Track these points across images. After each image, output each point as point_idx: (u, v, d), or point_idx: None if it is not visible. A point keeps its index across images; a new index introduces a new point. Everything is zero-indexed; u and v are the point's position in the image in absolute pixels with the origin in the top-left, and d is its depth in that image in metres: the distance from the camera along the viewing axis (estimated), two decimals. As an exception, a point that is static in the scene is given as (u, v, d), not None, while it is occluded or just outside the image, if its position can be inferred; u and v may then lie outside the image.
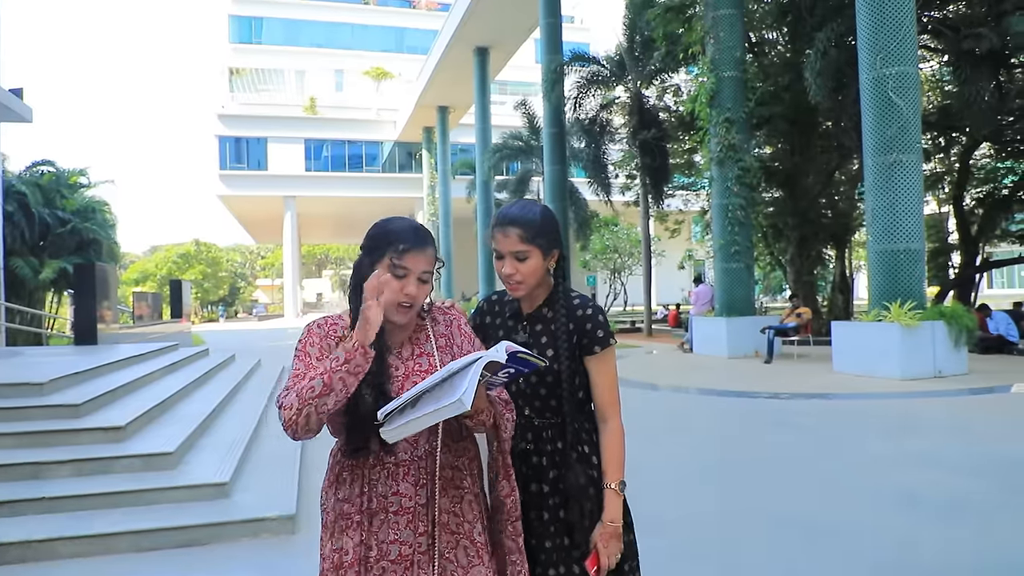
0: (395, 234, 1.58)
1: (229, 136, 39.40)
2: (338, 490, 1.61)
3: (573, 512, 1.77)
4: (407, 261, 1.56)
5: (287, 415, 1.43)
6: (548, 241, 1.79)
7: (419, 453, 1.59)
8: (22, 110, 10.60)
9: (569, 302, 1.84)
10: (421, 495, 1.57)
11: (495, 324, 1.95)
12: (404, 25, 46.51)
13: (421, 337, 1.69)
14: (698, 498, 4.64)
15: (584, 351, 1.80)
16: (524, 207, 1.81)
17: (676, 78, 20.09)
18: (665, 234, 24.43)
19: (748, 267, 13.46)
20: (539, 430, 1.83)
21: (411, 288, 1.57)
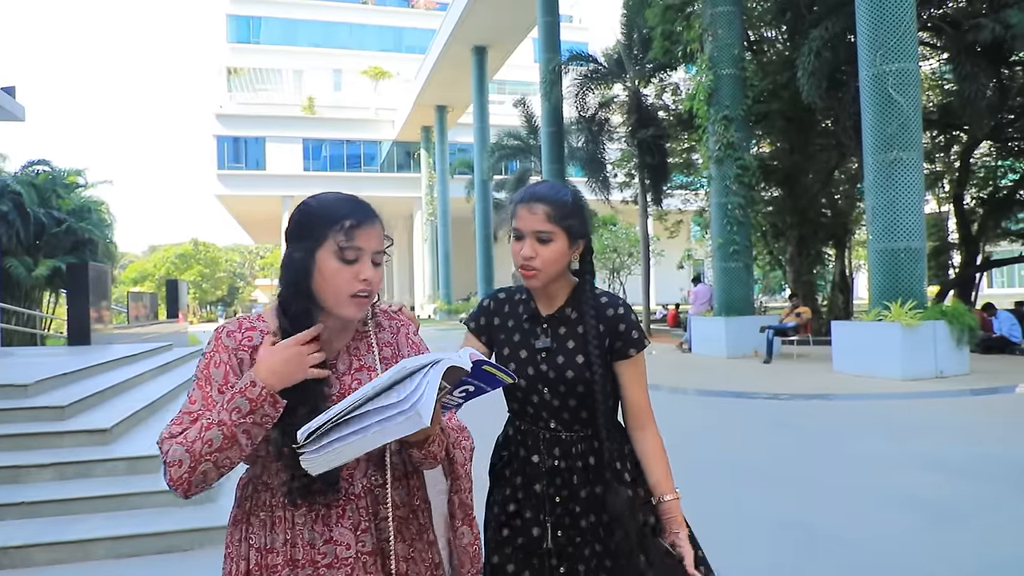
0: (336, 209, 1.27)
1: (227, 136, 39.29)
2: (250, 534, 1.26)
3: (618, 536, 1.56)
4: (358, 239, 1.25)
5: (174, 473, 1.13)
6: (577, 227, 1.60)
7: (355, 491, 1.26)
8: (14, 108, 10.50)
9: (597, 301, 1.65)
10: (365, 542, 1.25)
11: (507, 327, 1.71)
12: (402, 25, 46.43)
13: (362, 346, 1.36)
14: (694, 501, 4.52)
15: (617, 355, 1.63)
16: (554, 186, 1.63)
17: (675, 76, 19.99)
18: (664, 233, 24.35)
19: (747, 266, 13.36)
20: (568, 445, 1.64)
21: (367, 272, 1.26)
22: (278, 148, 39.89)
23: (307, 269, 1.24)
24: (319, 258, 1.24)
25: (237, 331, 1.28)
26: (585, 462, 1.63)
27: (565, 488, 1.63)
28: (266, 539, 1.24)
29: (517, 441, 1.71)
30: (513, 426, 1.74)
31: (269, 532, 1.24)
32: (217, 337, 1.27)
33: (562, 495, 1.63)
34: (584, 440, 1.64)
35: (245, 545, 1.26)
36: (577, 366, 1.61)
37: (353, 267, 1.25)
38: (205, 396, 1.21)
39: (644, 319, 20.27)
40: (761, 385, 9.32)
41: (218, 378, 1.23)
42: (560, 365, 1.62)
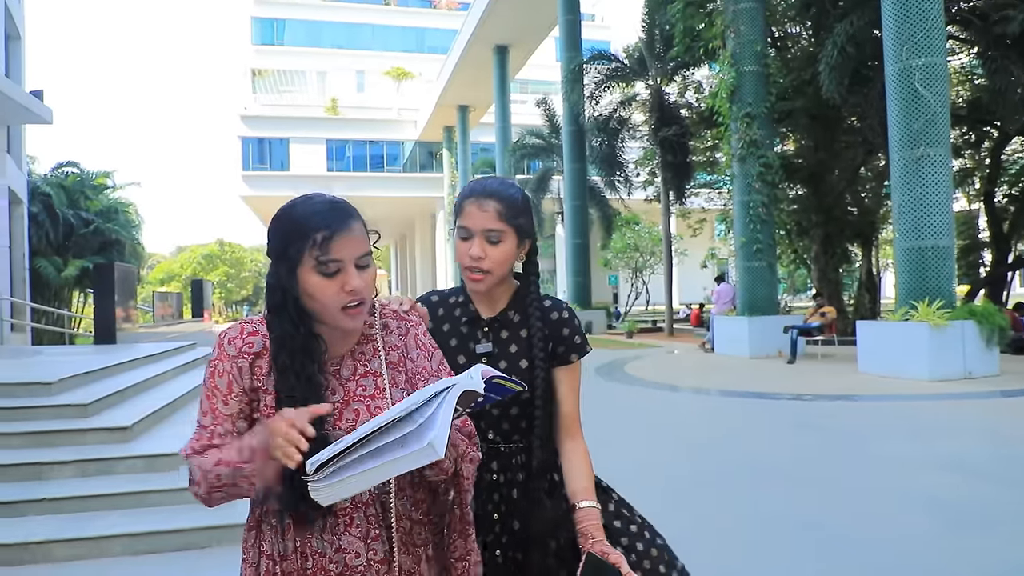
0: (308, 221, 1.18)
1: (252, 137, 39.73)
2: (262, 541, 1.24)
3: (534, 554, 1.48)
4: (335, 251, 1.18)
5: (194, 490, 1.19)
6: (526, 226, 1.53)
7: (363, 499, 1.22)
8: (42, 111, 10.70)
9: (541, 304, 1.58)
10: (376, 550, 1.22)
11: (443, 331, 1.60)
12: (424, 25, 46.58)
13: (367, 350, 1.30)
14: (715, 503, 4.47)
15: (559, 361, 1.56)
16: (504, 182, 1.56)
17: (698, 74, 19.82)
18: (688, 232, 24.14)
19: (770, 265, 13.19)
20: (507, 457, 1.54)
21: (353, 282, 1.19)
22: (302, 149, 40.25)
23: (291, 290, 1.20)
24: (301, 277, 1.19)
25: (238, 338, 1.26)
26: (526, 474, 1.54)
27: (504, 503, 1.53)
28: (277, 546, 1.22)
29: None
30: None
31: (280, 540, 1.22)
32: (220, 344, 1.26)
33: (500, 511, 1.53)
34: (524, 451, 1.55)
35: (256, 551, 1.25)
36: (520, 371, 1.54)
37: (336, 279, 1.19)
38: (213, 409, 1.23)
39: (667, 318, 20.14)
40: (784, 386, 9.19)
41: (222, 388, 1.23)
42: (502, 371, 1.49)
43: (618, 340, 18.27)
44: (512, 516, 1.52)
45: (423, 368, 1.33)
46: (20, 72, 14.00)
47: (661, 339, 18.39)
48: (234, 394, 1.22)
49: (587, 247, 21.77)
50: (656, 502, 4.37)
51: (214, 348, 1.27)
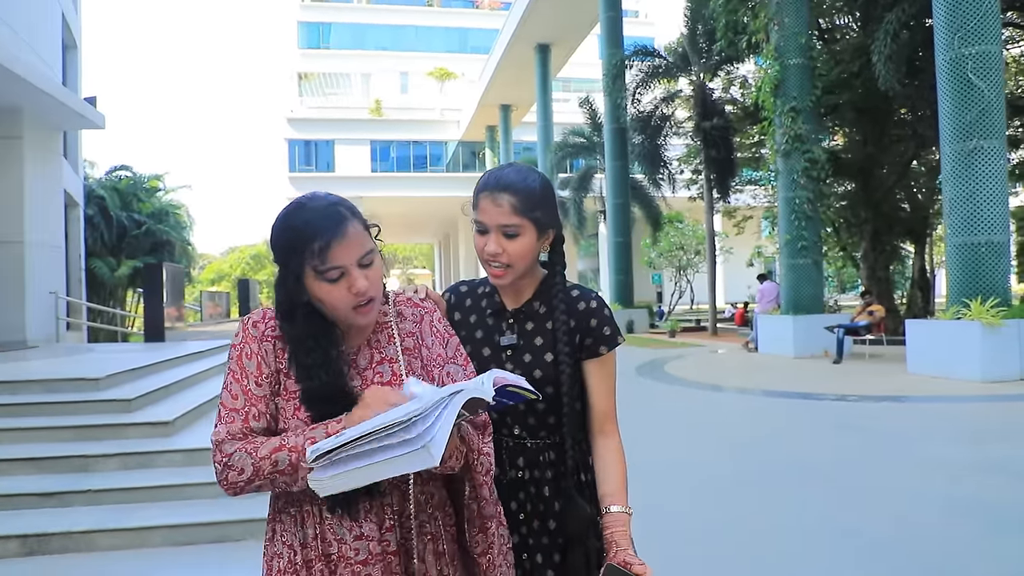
0: (302, 232, 1.19)
1: (298, 139, 40.51)
2: (282, 531, 1.25)
3: (576, 556, 1.43)
4: (333, 258, 1.18)
5: (233, 477, 1.14)
6: (545, 217, 1.46)
7: (380, 488, 1.21)
8: (95, 117, 11.10)
9: (568, 294, 1.51)
10: (389, 541, 1.22)
11: (470, 322, 1.56)
12: (467, 25, 46.82)
13: (383, 338, 1.31)
14: (752, 505, 4.38)
15: (587, 353, 1.49)
16: (521, 171, 1.47)
17: (742, 68, 19.46)
18: (733, 230, 23.75)
19: (816, 263, 12.87)
20: (534, 453, 1.48)
21: (358, 284, 1.20)
22: (347, 150, 40.86)
23: (300, 294, 1.21)
24: (307, 284, 1.21)
25: (261, 321, 1.27)
26: (555, 471, 1.48)
27: (530, 502, 1.48)
28: (298, 535, 1.22)
29: None
30: None
31: (300, 528, 1.22)
32: (244, 328, 1.27)
33: (527, 510, 1.48)
34: (552, 448, 1.49)
35: (279, 542, 1.25)
36: (546, 365, 1.48)
37: (342, 283, 1.20)
38: (245, 390, 1.21)
39: (710, 317, 19.84)
40: (829, 386, 8.96)
41: (252, 370, 1.23)
42: (527, 364, 1.49)
43: (660, 339, 18.07)
44: (537, 516, 1.47)
45: (438, 355, 1.33)
46: (77, 80, 14.55)
47: (704, 338, 18.12)
48: (264, 375, 1.23)
49: (629, 245, 21.59)
50: (691, 503, 4.32)
51: (237, 332, 1.28)
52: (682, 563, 3.40)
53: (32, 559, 3.81)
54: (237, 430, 1.18)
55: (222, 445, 1.16)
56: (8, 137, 9.89)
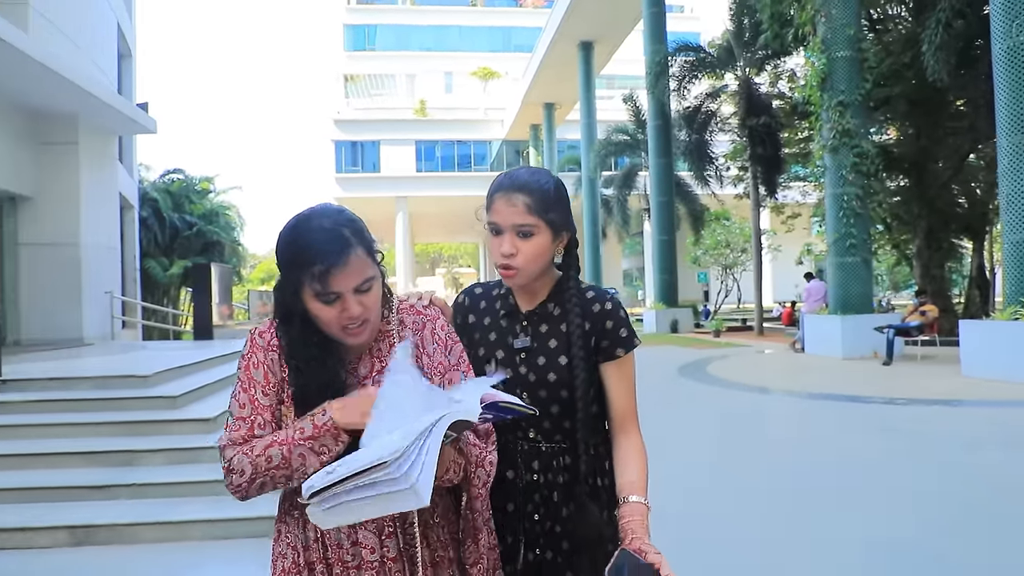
0: (305, 253, 1.21)
1: (344, 140, 41.13)
2: (287, 532, 1.29)
3: (582, 561, 1.43)
4: (332, 284, 1.20)
5: (236, 480, 1.17)
6: (560, 219, 1.45)
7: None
8: (147, 122, 11.47)
9: (582, 296, 1.50)
10: (389, 547, 1.23)
11: (484, 325, 1.55)
12: (510, 24, 46.88)
13: (383, 347, 1.33)
14: (794, 513, 4.28)
15: (604, 356, 1.47)
16: (535, 173, 1.48)
17: (790, 62, 19.03)
18: (782, 227, 23.24)
19: (865, 261, 12.50)
20: (548, 457, 1.48)
21: (352, 310, 1.22)
22: (392, 151, 41.32)
23: (297, 306, 1.24)
24: (304, 298, 1.23)
25: (267, 331, 1.31)
26: (568, 476, 1.47)
27: (543, 505, 1.47)
28: (300, 536, 1.25)
29: None
30: None
31: (302, 530, 1.25)
32: (251, 339, 1.31)
33: (540, 513, 1.47)
34: (567, 452, 1.48)
35: (284, 543, 1.28)
36: (560, 368, 1.46)
37: (336, 306, 1.22)
38: (252, 399, 1.25)
39: (756, 317, 19.47)
40: (877, 388, 8.71)
41: (259, 379, 1.26)
42: (541, 367, 1.47)
43: (704, 339, 17.81)
44: (550, 518, 1.46)
45: (439, 363, 1.34)
46: (131, 87, 15.07)
47: (750, 338, 17.79)
48: (271, 384, 1.26)
49: (674, 244, 21.33)
50: (728, 509, 4.23)
51: (245, 344, 1.31)
52: (720, 571, 3.35)
53: (80, 549, 3.97)
54: (240, 437, 1.21)
55: (225, 451, 1.20)
56: (65, 143, 10.30)
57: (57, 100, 9.61)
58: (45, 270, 10.10)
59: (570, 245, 1.51)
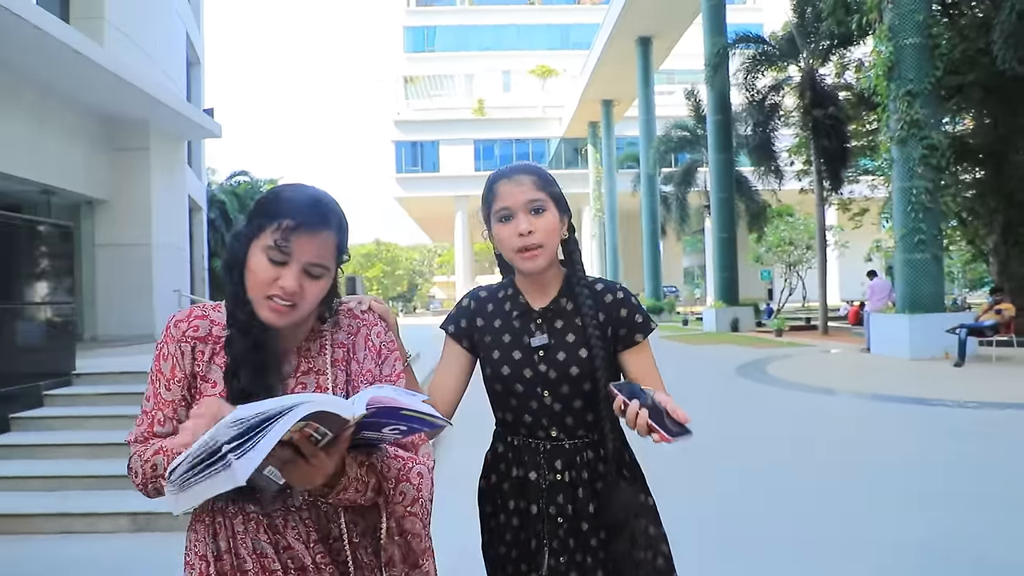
0: (283, 205, 1.15)
1: (404, 141, 41.83)
2: (195, 541, 1.19)
3: (621, 542, 1.41)
4: (292, 243, 1.13)
5: (134, 480, 1.14)
6: (561, 197, 1.48)
7: (295, 503, 1.16)
8: (213, 127, 11.93)
9: (592, 287, 1.50)
10: (324, 553, 1.17)
11: (494, 327, 1.53)
12: (568, 22, 46.71)
13: (314, 347, 1.24)
14: (852, 522, 4.15)
15: (623, 344, 1.47)
16: (527, 163, 1.52)
17: (857, 51, 18.35)
18: (849, 223, 22.45)
19: (935, 257, 11.96)
20: (572, 454, 1.45)
21: (288, 281, 1.13)
22: (451, 150, 41.80)
23: (240, 256, 1.17)
24: (252, 248, 1.16)
25: (184, 321, 1.21)
26: (592, 472, 1.45)
27: (570, 504, 1.44)
28: (211, 547, 1.16)
29: (508, 459, 1.52)
30: (504, 442, 1.54)
31: (212, 539, 1.16)
32: (167, 328, 1.22)
33: (566, 513, 1.44)
34: (590, 447, 1.46)
35: (192, 553, 1.19)
36: (581, 361, 1.44)
37: (276, 269, 1.13)
38: (156, 394, 1.18)
39: (820, 316, 18.88)
40: (947, 391, 8.32)
41: (166, 372, 1.19)
42: (562, 363, 1.45)
43: (765, 338, 17.38)
44: (578, 519, 1.43)
45: (368, 370, 1.25)
46: (199, 93, 15.70)
47: (813, 338, 17.26)
48: (176, 379, 1.18)
49: (734, 241, 20.87)
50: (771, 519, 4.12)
51: (163, 331, 1.23)
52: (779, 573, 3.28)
53: (140, 535, 4.17)
54: (140, 434, 1.17)
55: (130, 448, 1.17)
56: (137, 148, 10.81)
57: (130, 108, 10.09)
58: (119, 270, 10.64)
59: (569, 236, 1.51)
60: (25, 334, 5.88)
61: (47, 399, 5.79)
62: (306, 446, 0.97)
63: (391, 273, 56.76)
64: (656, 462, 1.68)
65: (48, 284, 6.21)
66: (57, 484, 4.67)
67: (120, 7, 10.48)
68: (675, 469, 5.05)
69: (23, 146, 8.81)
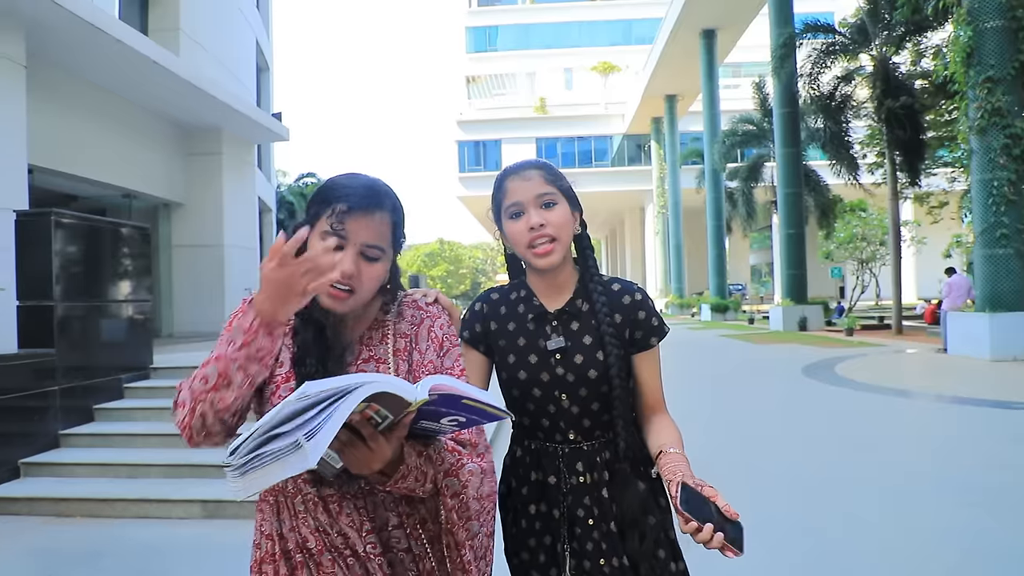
0: (335, 191, 1.18)
1: (467, 140, 42.23)
2: (262, 520, 1.22)
3: (632, 540, 1.39)
4: (346, 225, 1.15)
5: (179, 415, 1.11)
6: (571, 191, 1.47)
7: (350, 489, 1.17)
8: (281, 131, 12.35)
9: (607, 287, 1.48)
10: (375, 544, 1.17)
11: (508, 330, 1.49)
12: (631, 17, 46.19)
13: (376, 336, 1.26)
14: (918, 530, 4.02)
15: (638, 347, 1.46)
16: (535, 159, 1.51)
17: (935, 37, 17.53)
18: (927, 218, 21.49)
19: (1019, 253, 11.33)
20: (591, 455, 1.44)
21: (346, 264, 1.15)
22: (513, 149, 41.94)
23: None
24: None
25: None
26: (612, 472, 1.44)
27: (596, 506, 1.42)
28: (275, 524, 1.20)
29: (526, 463, 1.50)
30: (521, 446, 1.52)
31: (276, 518, 1.20)
32: (243, 301, 1.21)
33: (593, 515, 1.42)
34: (608, 446, 1.45)
35: (259, 531, 1.22)
36: (599, 364, 1.42)
37: (336, 255, 1.15)
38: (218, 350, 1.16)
39: (894, 314, 18.15)
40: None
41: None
42: (579, 365, 1.43)
43: (835, 337, 16.82)
44: (604, 520, 1.41)
45: (430, 361, 1.25)
46: (269, 99, 16.25)
47: (886, 338, 16.62)
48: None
49: (802, 238, 20.27)
50: (835, 523, 4.01)
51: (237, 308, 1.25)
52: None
53: (211, 521, 4.38)
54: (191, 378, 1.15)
55: (176, 394, 1.15)
56: (210, 153, 11.29)
57: (204, 115, 10.55)
58: (193, 269, 11.15)
59: (582, 233, 1.50)
60: (108, 330, 6.25)
61: (127, 391, 6.14)
62: (366, 428, 0.98)
63: (454, 272, 57.44)
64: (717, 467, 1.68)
65: (129, 283, 6.58)
66: (135, 471, 4.96)
67: (194, 18, 10.96)
68: (732, 472, 4.98)
69: (108, 153, 9.33)
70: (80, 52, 7.67)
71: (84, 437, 5.47)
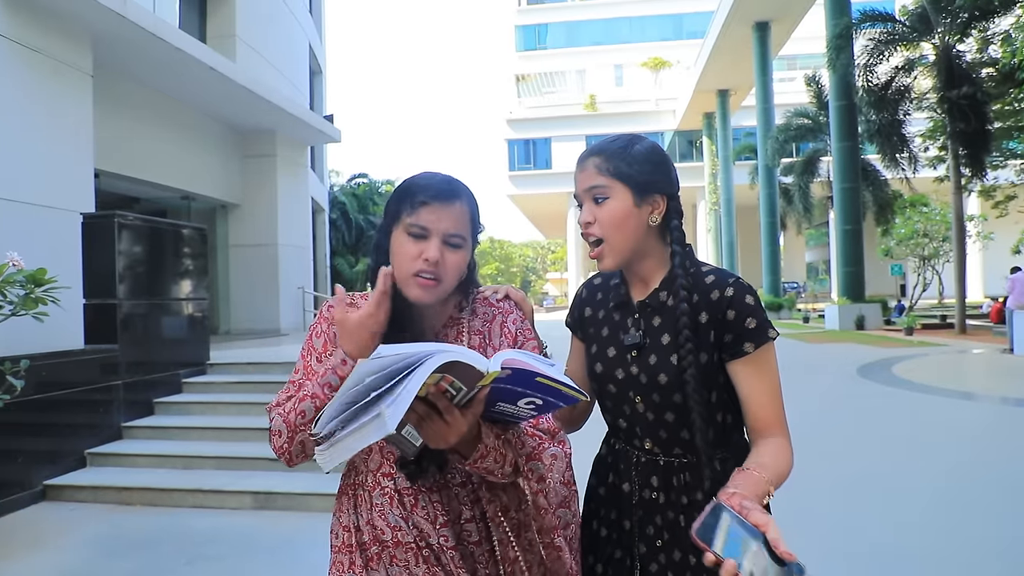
0: (414, 187, 1.22)
1: (517, 139, 42.29)
2: (340, 512, 1.29)
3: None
4: (424, 217, 1.18)
5: (276, 443, 1.16)
6: (643, 178, 1.25)
7: (425, 484, 1.19)
8: (332, 132, 12.62)
9: (698, 280, 1.26)
10: (447, 537, 1.18)
11: (598, 319, 1.39)
12: (681, 11, 45.50)
13: (451, 333, 1.28)
14: (978, 538, 3.91)
15: (729, 352, 1.23)
16: (619, 136, 1.32)
17: (1003, 23, 16.79)
18: (994, 213, 20.64)
19: (1092, 249, 10.81)
20: (667, 472, 1.28)
21: (432, 251, 1.17)
22: (563, 147, 41.81)
23: (384, 246, 1.24)
24: (394, 235, 1.22)
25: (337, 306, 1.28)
26: (691, 498, 1.25)
27: (668, 531, 1.26)
28: (352, 517, 1.24)
29: (608, 463, 1.39)
30: (607, 444, 1.41)
31: (354, 511, 1.24)
32: (321, 311, 1.31)
33: (663, 537, 1.27)
34: (689, 468, 1.26)
35: (337, 522, 1.28)
36: (671, 368, 1.24)
37: (418, 244, 1.19)
38: (306, 365, 1.25)
39: (957, 313, 17.48)
40: (1099, 396, 7.55)
41: (318, 347, 1.26)
42: (652, 367, 1.27)
43: (893, 337, 16.31)
44: (678, 547, 1.25)
45: None
46: (322, 101, 16.62)
47: (948, 337, 16.03)
48: (328, 352, 1.24)
49: (860, 234, 19.68)
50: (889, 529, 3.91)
51: (316, 315, 1.33)
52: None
53: (261, 512, 4.54)
54: (284, 399, 1.21)
55: (270, 414, 1.20)
56: (265, 155, 11.61)
57: (259, 118, 10.86)
58: (248, 268, 11.50)
59: (669, 214, 1.29)
60: (167, 327, 6.52)
61: (185, 386, 6.40)
62: (441, 400, 0.99)
63: (505, 270, 57.62)
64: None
65: (187, 282, 6.85)
66: (191, 463, 5.17)
67: (250, 24, 11.29)
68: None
69: (168, 157, 9.71)
70: (142, 61, 8.00)
71: (144, 429, 5.73)
